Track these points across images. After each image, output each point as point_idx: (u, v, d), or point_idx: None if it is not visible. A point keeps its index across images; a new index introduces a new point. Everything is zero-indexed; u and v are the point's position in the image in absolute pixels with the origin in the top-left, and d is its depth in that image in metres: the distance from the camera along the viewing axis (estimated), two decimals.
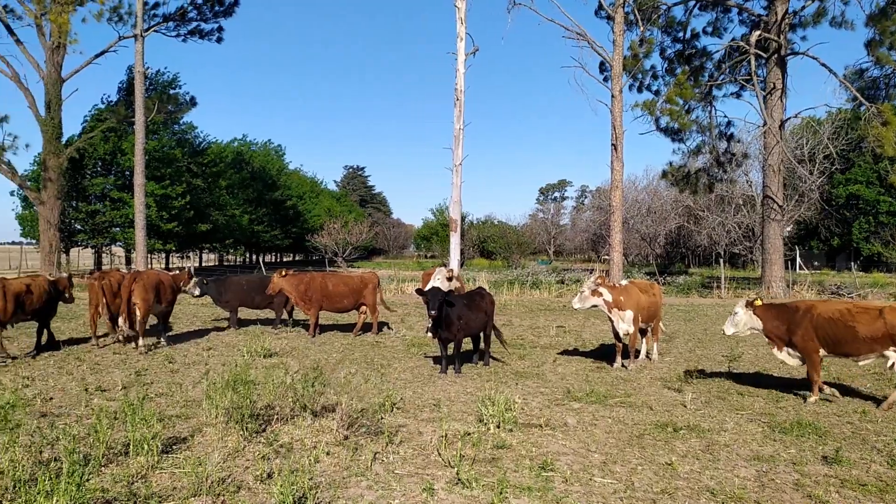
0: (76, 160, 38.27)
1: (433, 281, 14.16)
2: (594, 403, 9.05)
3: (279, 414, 7.61)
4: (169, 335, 14.53)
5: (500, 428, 7.53)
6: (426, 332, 15.30)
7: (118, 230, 42.20)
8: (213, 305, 19.15)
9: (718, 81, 32.68)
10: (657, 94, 33.76)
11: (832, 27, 30.01)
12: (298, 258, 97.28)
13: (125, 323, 13.01)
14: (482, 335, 12.18)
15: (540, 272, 38.96)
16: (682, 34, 34.28)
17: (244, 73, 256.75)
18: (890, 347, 8.79)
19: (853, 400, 9.43)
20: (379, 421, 7.76)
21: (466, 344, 12.43)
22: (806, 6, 30.46)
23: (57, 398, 8.93)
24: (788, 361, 9.61)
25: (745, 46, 29.94)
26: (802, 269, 49.21)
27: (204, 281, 16.67)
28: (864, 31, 27.87)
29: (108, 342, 13.72)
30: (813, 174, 42.58)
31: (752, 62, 29.25)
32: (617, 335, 11.87)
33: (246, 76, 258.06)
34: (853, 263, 48.95)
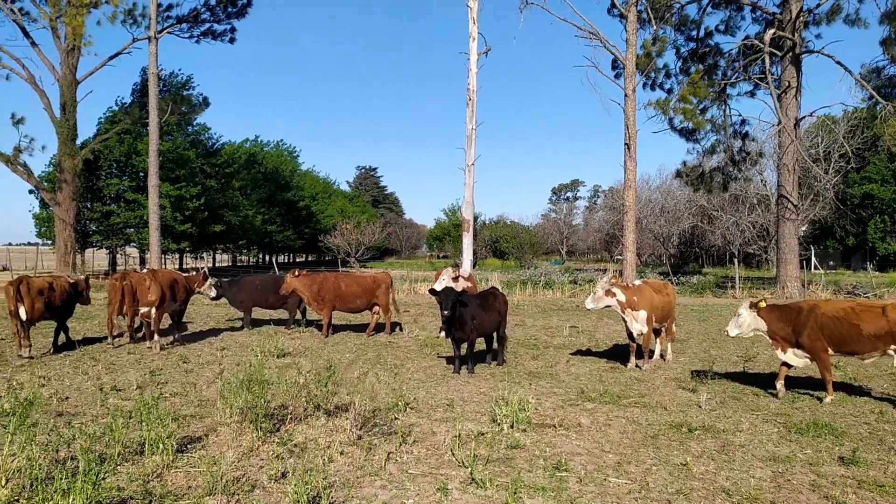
0: (91, 161, 38.56)
1: (439, 282, 14.22)
2: (608, 404, 9.02)
3: (293, 413, 7.62)
4: (183, 335, 14.63)
5: (513, 428, 7.51)
6: (439, 331, 15.30)
7: (133, 231, 42.47)
8: (226, 305, 19.24)
9: (732, 80, 32.47)
10: (670, 92, 33.62)
11: (846, 25, 29.83)
12: (311, 258, 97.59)
13: (130, 321, 13.44)
14: (495, 335, 12.16)
15: (552, 272, 38.85)
16: (695, 32, 34.11)
17: (256, 73, 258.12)
18: (892, 345, 8.80)
19: (870, 400, 9.35)
20: (392, 421, 7.76)
21: (479, 344, 12.41)
22: (821, 4, 30.20)
23: (73, 397, 8.99)
24: (793, 362, 9.55)
25: (759, 45, 29.70)
26: (817, 268, 48.88)
27: (219, 283, 16.75)
28: (878, 28, 27.67)
29: (122, 342, 13.81)
30: (828, 173, 42.24)
31: (766, 60, 28.99)
32: (630, 335, 11.81)
33: (258, 77, 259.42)
34: (869, 263, 48.53)
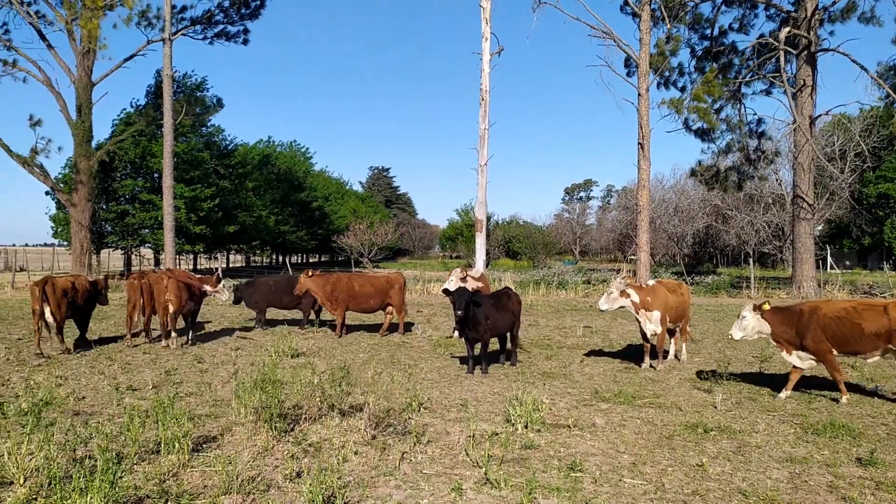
0: (106, 163, 38.84)
1: (448, 283, 14.26)
2: (622, 404, 8.98)
3: (307, 413, 7.64)
4: (197, 335, 14.71)
5: (527, 428, 7.49)
6: (452, 331, 15.29)
7: (147, 232, 42.79)
8: (240, 306, 19.31)
9: (747, 79, 32.23)
10: (683, 90, 33.40)
11: (861, 23, 29.54)
12: (324, 259, 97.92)
13: (147, 320, 13.78)
14: (509, 335, 12.14)
15: (566, 272, 38.74)
16: (709, 31, 33.91)
17: (270, 75, 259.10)
18: (891, 344, 8.79)
19: (887, 401, 9.25)
20: (406, 421, 7.76)
21: (493, 344, 12.39)
22: (836, 2, 29.93)
23: (89, 397, 9.06)
24: (798, 364, 9.50)
25: (774, 43, 29.45)
26: (833, 268, 48.45)
27: (237, 287, 17.02)
28: (893, 27, 27.42)
29: (138, 342, 13.91)
30: (844, 172, 41.87)
31: (781, 59, 28.74)
32: (644, 336, 11.76)
33: (271, 78, 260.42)
34: (885, 263, 48.02)
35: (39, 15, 31.69)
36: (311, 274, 15.49)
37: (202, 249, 50.23)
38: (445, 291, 11.70)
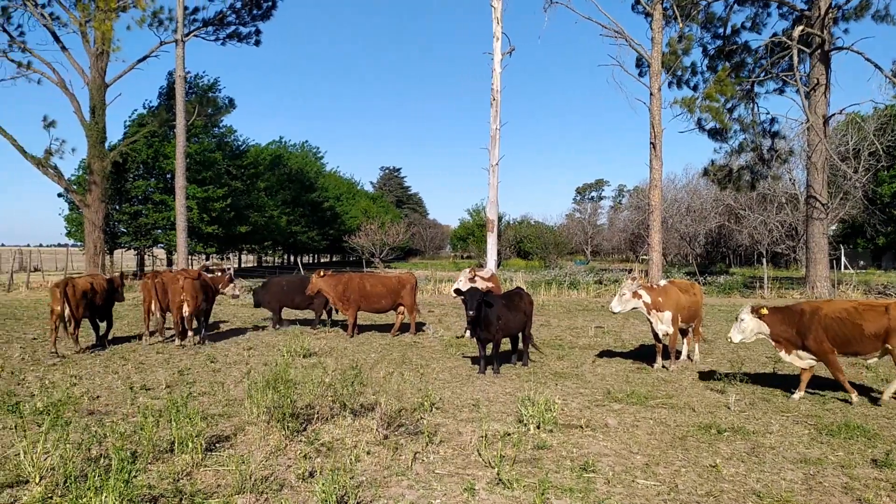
0: (119, 164, 39.07)
1: (458, 283, 14.27)
2: (635, 404, 8.95)
3: (319, 413, 7.66)
4: (210, 334, 14.78)
5: (540, 428, 7.48)
6: (464, 331, 15.28)
7: (160, 232, 43.00)
8: (251, 305, 19.40)
9: (760, 78, 32.04)
10: (696, 89, 33.27)
11: (875, 21, 29.29)
12: (336, 259, 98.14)
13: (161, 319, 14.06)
14: (521, 335, 12.13)
15: (577, 272, 38.66)
16: (722, 30, 33.73)
17: (281, 75, 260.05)
18: (889, 344, 8.77)
19: None
20: (418, 420, 7.77)
21: (504, 344, 12.37)
22: (850, 0, 29.74)
23: (104, 396, 9.12)
24: (798, 364, 9.51)
25: (787, 42, 29.26)
26: (847, 268, 48.04)
27: (253, 290, 17.26)
28: None
29: (152, 341, 13.98)
30: (857, 171, 41.50)
31: (794, 57, 28.54)
32: (656, 336, 11.73)
33: (283, 79, 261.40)
34: None
35: (54, 17, 31.92)
36: (322, 274, 15.52)
37: (215, 250, 50.43)
38: (457, 291, 11.69)
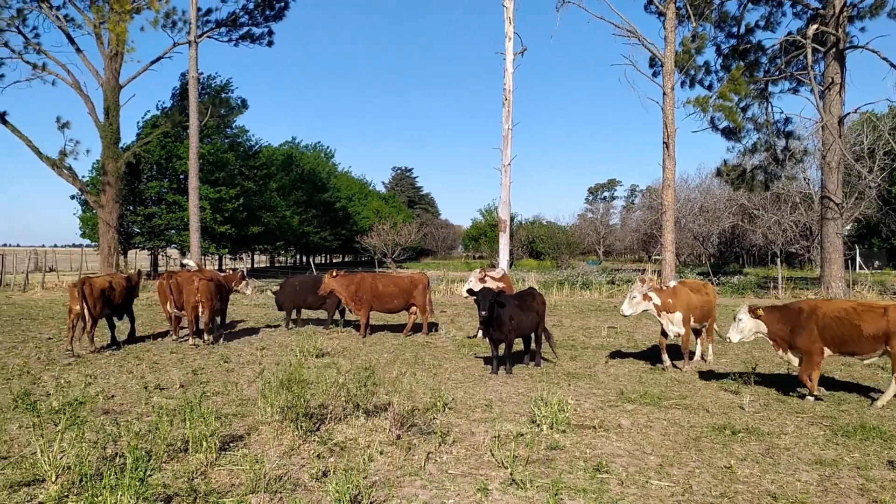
0: (133, 164, 39.32)
1: (469, 283, 14.28)
2: (648, 405, 8.92)
3: (333, 413, 7.68)
4: (223, 334, 14.84)
5: (553, 429, 7.47)
6: (477, 331, 15.27)
7: (173, 232, 43.25)
8: (264, 306, 19.48)
9: (774, 77, 31.81)
10: (710, 88, 33.07)
11: (890, 19, 29.02)
12: (348, 259, 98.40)
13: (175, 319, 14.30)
14: (533, 335, 12.11)
15: (590, 272, 38.54)
16: (735, 29, 33.49)
17: (294, 76, 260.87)
18: (887, 345, 8.76)
19: None
20: (431, 421, 7.77)
21: (517, 345, 12.36)
22: None
23: (118, 396, 9.19)
24: (795, 362, 9.52)
25: (801, 40, 29.03)
26: (862, 268, 47.63)
27: (274, 292, 17.46)
28: None
29: (164, 341, 14.07)
30: (872, 171, 41.12)
31: (808, 56, 28.31)
32: (665, 335, 11.72)
33: (295, 79, 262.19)
34: None
35: (68, 19, 32.17)
36: (335, 274, 15.55)
37: (228, 251, 50.66)
38: (470, 292, 11.69)
